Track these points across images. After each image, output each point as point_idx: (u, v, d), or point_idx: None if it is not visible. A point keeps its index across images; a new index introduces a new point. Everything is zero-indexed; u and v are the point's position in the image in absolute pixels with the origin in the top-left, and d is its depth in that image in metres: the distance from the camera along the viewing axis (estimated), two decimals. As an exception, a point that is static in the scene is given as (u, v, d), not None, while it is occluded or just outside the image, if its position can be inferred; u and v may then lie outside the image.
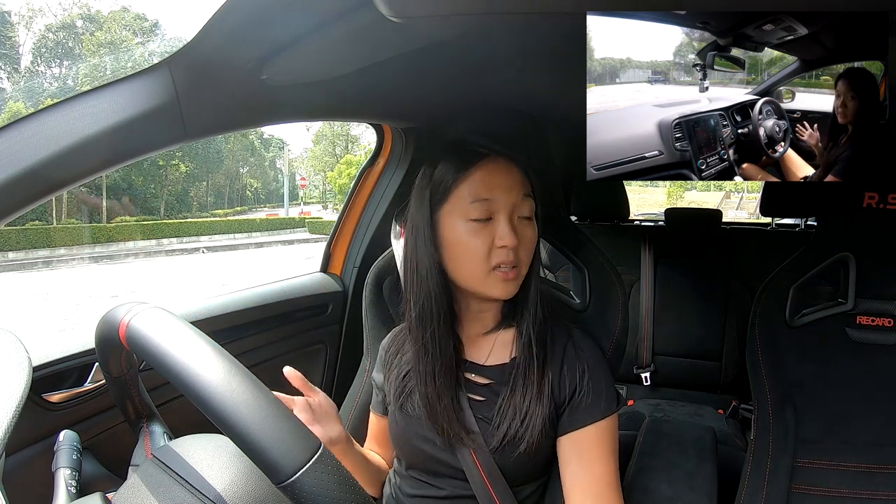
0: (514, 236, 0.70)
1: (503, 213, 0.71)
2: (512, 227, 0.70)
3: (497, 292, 0.72)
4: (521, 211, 0.72)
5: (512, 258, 0.70)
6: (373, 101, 1.00)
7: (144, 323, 0.48)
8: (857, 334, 0.99)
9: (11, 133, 0.56)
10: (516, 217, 0.72)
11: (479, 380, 0.78)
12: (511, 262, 0.70)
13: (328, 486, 0.41)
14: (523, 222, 0.73)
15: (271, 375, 0.75)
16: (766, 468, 0.98)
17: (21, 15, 29.44)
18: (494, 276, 0.71)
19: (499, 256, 0.70)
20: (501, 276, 0.71)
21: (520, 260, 0.72)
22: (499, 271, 0.71)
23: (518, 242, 0.70)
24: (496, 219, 0.71)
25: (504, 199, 0.71)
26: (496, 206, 0.71)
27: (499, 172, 0.72)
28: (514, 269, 0.71)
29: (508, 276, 0.71)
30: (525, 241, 0.72)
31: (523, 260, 0.72)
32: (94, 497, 0.52)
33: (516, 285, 0.72)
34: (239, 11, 0.56)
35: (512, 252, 0.70)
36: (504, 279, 0.71)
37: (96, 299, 8.51)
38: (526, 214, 0.73)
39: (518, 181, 0.72)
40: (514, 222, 0.71)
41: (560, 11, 0.55)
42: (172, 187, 28.14)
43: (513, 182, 0.72)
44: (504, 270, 0.71)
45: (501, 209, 0.71)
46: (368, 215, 1.42)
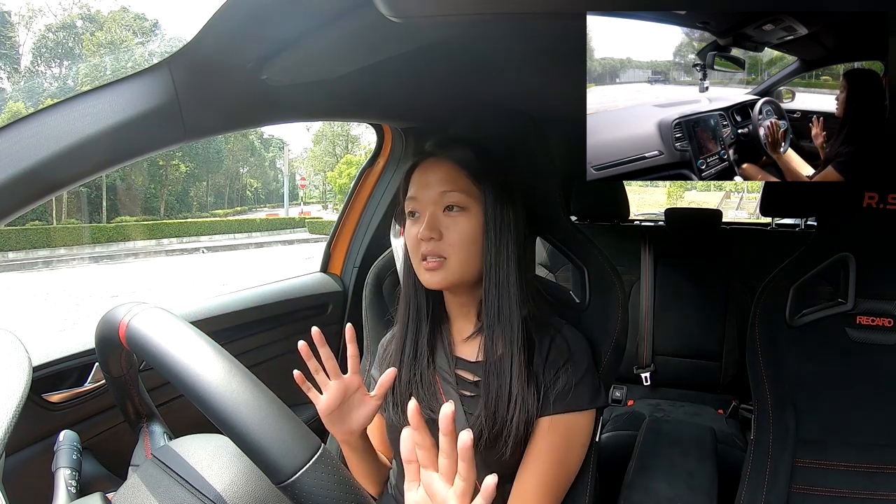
0: (429, 228, 0.74)
1: (425, 208, 0.76)
2: (431, 221, 0.75)
3: (425, 281, 0.77)
4: (444, 203, 0.76)
5: (431, 249, 0.75)
6: (373, 101, 1.00)
7: (144, 323, 0.48)
8: (857, 334, 0.99)
9: (11, 133, 0.56)
10: (441, 210, 0.76)
11: (469, 376, 0.80)
12: (432, 253, 0.75)
13: (328, 486, 0.41)
14: (449, 214, 0.76)
15: (271, 375, 0.75)
16: (766, 468, 0.98)
17: (21, 15, 29.47)
18: (422, 267, 0.76)
19: (423, 247, 0.75)
20: (425, 266, 0.76)
21: (445, 251, 0.75)
22: (425, 262, 0.76)
23: (438, 234, 0.75)
24: (422, 214, 0.77)
25: (426, 196, 0.76)
26: (420, 203, 0.77)
27: (426, 171, 0.78)
28: (437, 259, 0.75)
29: (430, 266, 0.75)
30: (450, 233, 0.75)
31: (450, 251, 0.75)
32: (94, 497, 0.52)
33: (442, 276, 0.75)
34: (239, 11, 0.56)
35: (432, 244, 0.75)
36: (427, 268, 0.76)
37: (96, 299, 8.51)
38: (448, 205, 0.76)
39: (442, 177, 0.76)
40: (438, 216, 0.76)
41: (560, 11, 0.55)
42: (172, 187, 28.13)
43: (435, 178, 0.76)
44: (428, 261, 0.75)
45: (425, 205, 0.77)
46: (368, 215, 1.42)
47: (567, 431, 0.76)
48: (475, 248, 0.76)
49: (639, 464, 1.06)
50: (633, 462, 1.07)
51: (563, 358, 0.77)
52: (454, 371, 0.80)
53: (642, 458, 1.07)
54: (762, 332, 1.02)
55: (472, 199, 0.76)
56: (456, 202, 0.76)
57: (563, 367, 0.76)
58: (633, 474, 1.02)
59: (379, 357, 0.89)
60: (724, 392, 1.82)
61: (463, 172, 0.77)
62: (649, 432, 1.18)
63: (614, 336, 0.87)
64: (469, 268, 0.76)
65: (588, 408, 0.77)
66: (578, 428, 0.77)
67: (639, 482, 0.99)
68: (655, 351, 1.87)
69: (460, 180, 0.76)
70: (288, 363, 0.80)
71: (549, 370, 0.77)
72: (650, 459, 1.06)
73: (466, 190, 0.76)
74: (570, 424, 0.76)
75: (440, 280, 0.76)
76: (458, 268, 0.76)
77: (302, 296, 1.34)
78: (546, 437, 0.75)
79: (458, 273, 0.76)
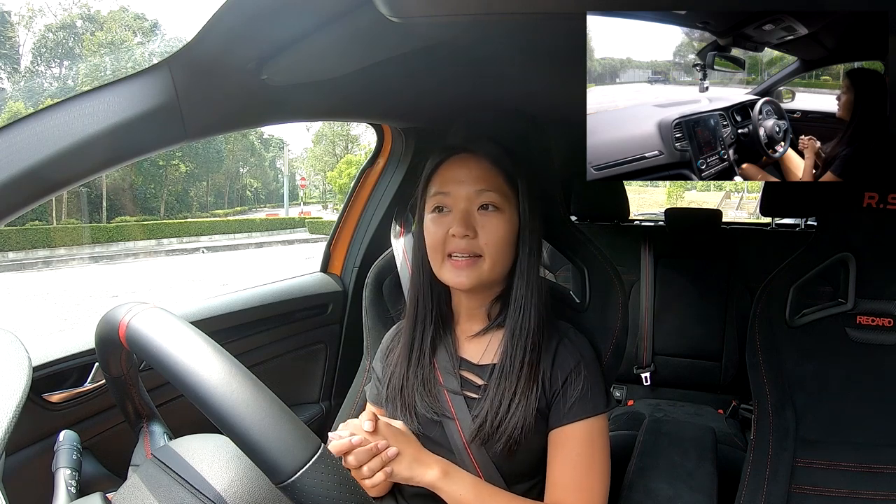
0: (465, 226, 0.72)
1: (459, 205, 0.74)
2: (465, 218, 0.73)
3: (450, 279, 0.75)
4: (479, 202, 0.74)
5: (464, 246, 0.73)
6: (373, 101, 1.00)
7: (144, 323, 0.48)
8: (857, 334, 0.99)
9: (11, 133, 0.56)
10: (475, 208, 0.74)
11: (474, 378, 0.80)
12: (464, 251, 0.73)
13: (328, 486, 0.41)
14: (485, 213, 0.74)
15: (271, 375, 0.75)
16: (766, 468, 0.98)
17: (21, 15, 29.43)
18: (448, 265, 0.74)
19: (451, 244, 0.73)
20: (453, 263, 0.74)
21: (480, 249, 0.73)
22: (452, 259, 0.74)
23: (473, 232, 0.73)
24: (453, 210, 0.74)
25: (459, 192, 0.74)
26: (452, 199, 0.75)
27: (459, 167, 0.75)
28: (469, 258, 0.73)
29: (459, 265, 0.73)
30: (485, 232, 0.74)
31: (486, 250, 0.74)
32: (94, 497, 0.52)
33: (470, 275, 0.74)
34: (239, 11, 0.56)
35: (465, 241, 0.73)
36: (455, 267, 0.74)
37: (96, 299, 8.51)
38: (483, 204, 0.74)
39: (478, 175, 0.74)
40: (473, 213, 0.74)
41: (560, 11, 0.55)
42: (172, 187, 28.11)
43: (471, 175, 0.74)
44: (456, 258, 0.73)
45: (457, 201, 0.74)
46: (368, 215, 1.42)
47: (590, 436, 0.76)
48: (509, 250, 0.76)
49: (639, 464, 1.06)
50: (633, 462, 1.07)
51: (572, 363, 0.77)
52: (458, 372, 0.80)
53: (642, 458, 1.07)
54: (762, 332, 1.02)
55: (506, 200, 0.75)
56: (492, 202, 0.74)
57: (574, 372, 0.76)
58: (633, 474, 1.02)
59: (382, 352, 0.89)
60: (724, 392, 1.82)
61: (498, 171, 0.75)
62: (649, 432, 1.18)
63: (614, 336, 0.87)
64: (500, 269, 0.76)
65: (604, 411, 0.77)
66: (600, 431, 0.77)
67: (639, 482, 0.99)
68: (655, 351, 1.87)
69: (496, 179, 0.75)
70: (288, 363, 0.80)
71: (556, 374, 0.76)
72: (650, 459, 1.06)
73: (502, 190, 0.75)
74: (591, 429, 0.76)
75: (471, 279, 0.74)
76: (491, 268, 0.74)
77: (302, 296, 1.34)
78: (570, 446, 0.75)
79: (490, 273, 0.75)
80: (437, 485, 0.72)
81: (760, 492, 0.97)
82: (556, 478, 0.76)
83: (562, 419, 0.75)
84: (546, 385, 0.76)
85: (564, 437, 0.75)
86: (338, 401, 1.39)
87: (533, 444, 0.76)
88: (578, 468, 0.75)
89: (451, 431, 0.78)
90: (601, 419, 0.77)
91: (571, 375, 0.76)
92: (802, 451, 0.98)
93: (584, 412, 0.75)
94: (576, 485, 0.74)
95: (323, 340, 1.41)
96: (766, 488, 0.97)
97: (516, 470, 0.78)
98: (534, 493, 0.80)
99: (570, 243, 0.92)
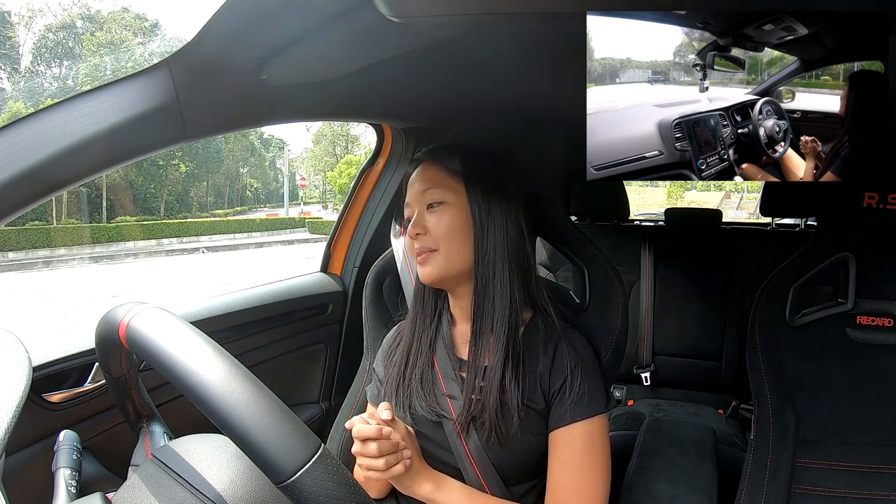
0: (415, 226, 0.78)
1: (414, 210, 0.80)
2: (417, 219, 0.78)
3: (420, 277, 0.80)
4: (426, 201, 0.79)
5: (420, 244, 0.78)
6: (373, 101, 1.00)
7: (144, 323, 0.48)
8: (857, 334, 0.99)
9: (11, 133, 0.56)
10: (424, 208, 0.79)
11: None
12: (421, 249, 0.78)
13: (328, 486, 0.41)
14: (433, 211, 0.78)
15: (271, 375, 0.75)
16: (766, 468, 0.98)
17: (21, 15, 29.42)
18: (417, 263, 0.80)
19: (414, 246, 0.79)
20: (418, 262, 0.79)
21: (434, 243, 0.77)
22: (418, 259, 0.79)
23: (423, 230, 0.78)
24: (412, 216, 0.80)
25: (413, 198, 0.80)
26: (411, 207, 0.81)
27: (415, 177, 0.81)
28: (427, 253, 0.77)
29: (421, 261, 0.78)
30: (434, 227, 0.77)
31: (439, 243, 0.77)
32: (94, 497, 0.52)
33: (429, 269, 0.78)
34: (239, 11, 0.56)
35: (419, 239, 0.78)
36: (419, 264, 0.79)
37: (96, 299, 8.51)
38: (429, 203, 0.78)
39: (426, 178, 0.79)
40: (423, 213, 0.79)
41: (560, 11, 0.55)
42: (172, 187, 28.09)
43: (421, 180, 0.80)
44: (419, 257, 0.78)
45: (413, 206, 0.80)
46: (368, 215, 1.42)
47: (590, 437, 0.76)
48: (463, 238, 0.77)
49: (639, 464, 1.06)
50: (633, 462, 1.07)
51: (571, 363, 0.77)
52: (458, 373, 0.80)
53: (642, 458, 1.07)
54: (762, 332, 1.02)
55: (450, 193, 0.78)
56: (435, 199, 0.78)
57: (573, 372, 0.76)
58: (633, 474, 1.02)
59: (383, 351, 0.89)
60: (724, 392, 1.82)
61: (444, 171, 0.79)
62: (649, 432, 1.18)
63: (614, 336, 0.87)
64: (458, 258, 0.77)
65: (604, 411, 0.78)
66: (600, 431, 0.77)
67: (639, 482, 0.99)
68: (655, 351, 1.87)
69: (438, 176, 0.79)
70: (288, 363, 0.80)
71: (555, 374, 0.76)
72: (650, 459, 1.06)
73: (445, 185, 0.78)
74: (591, 430, 0.76)
75: (431, 272, 0.77)
76: (446, 257, 0.77)
77: (302, 296, 1.34)
78: (570, 447, 0.75)
79: (448, 264, 0.77)
80: (431, 496, 0.74)
81: (760, 492, 0.97)
82: (557, 479, 0.76)
83: (562, 420, 0.75)
84: (545, 385, 0.76)
85: (564, 438, 0.75)
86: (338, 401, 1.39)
87: (530, 444, 0.76)
88: (579, 469, 0.75)
89: (450, 432, 0.78)
90: (601, 419, 0.77)
91: (571, 376, 0.76)
92: (802, 451, 0.98)
93: (584, 413, 0.75)
94: (576, 486, 0.74)
95: (323, 340, 1.41)
96: (766, 488, 0.97)
97: (515, 470, 0.78)
98: (533, 494, 0.80)
99: (569, 243, 0.92)
